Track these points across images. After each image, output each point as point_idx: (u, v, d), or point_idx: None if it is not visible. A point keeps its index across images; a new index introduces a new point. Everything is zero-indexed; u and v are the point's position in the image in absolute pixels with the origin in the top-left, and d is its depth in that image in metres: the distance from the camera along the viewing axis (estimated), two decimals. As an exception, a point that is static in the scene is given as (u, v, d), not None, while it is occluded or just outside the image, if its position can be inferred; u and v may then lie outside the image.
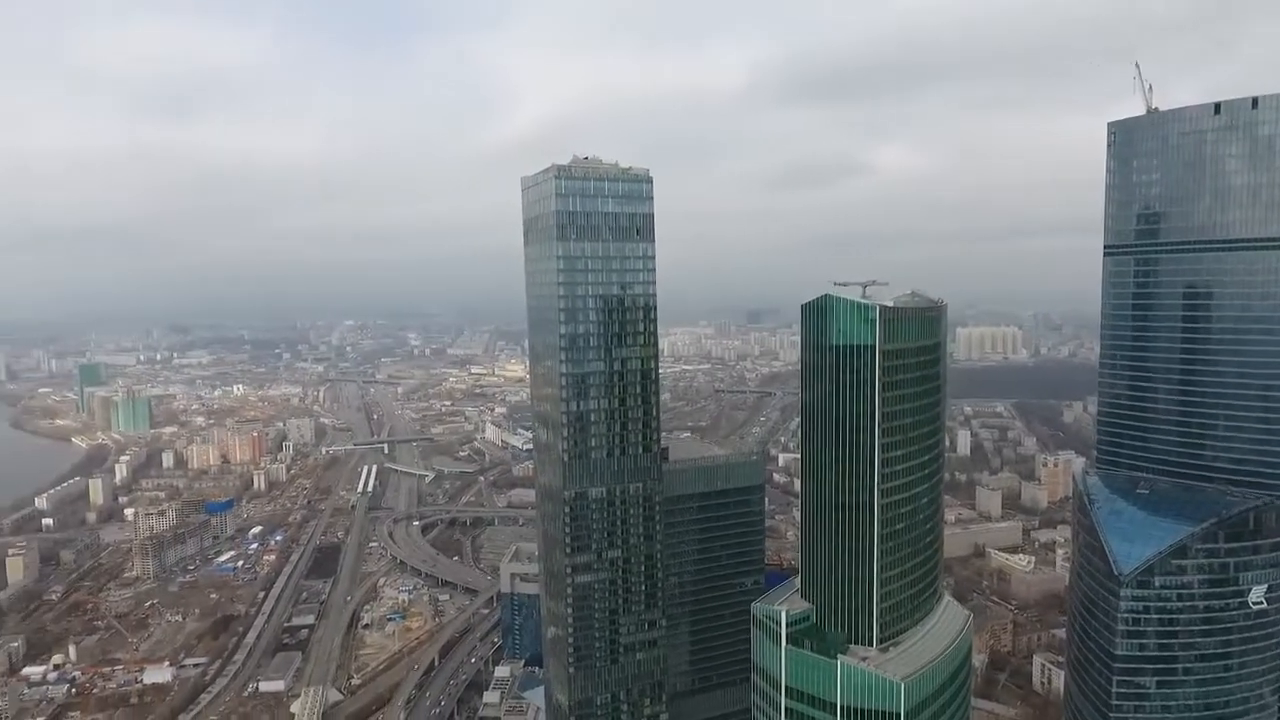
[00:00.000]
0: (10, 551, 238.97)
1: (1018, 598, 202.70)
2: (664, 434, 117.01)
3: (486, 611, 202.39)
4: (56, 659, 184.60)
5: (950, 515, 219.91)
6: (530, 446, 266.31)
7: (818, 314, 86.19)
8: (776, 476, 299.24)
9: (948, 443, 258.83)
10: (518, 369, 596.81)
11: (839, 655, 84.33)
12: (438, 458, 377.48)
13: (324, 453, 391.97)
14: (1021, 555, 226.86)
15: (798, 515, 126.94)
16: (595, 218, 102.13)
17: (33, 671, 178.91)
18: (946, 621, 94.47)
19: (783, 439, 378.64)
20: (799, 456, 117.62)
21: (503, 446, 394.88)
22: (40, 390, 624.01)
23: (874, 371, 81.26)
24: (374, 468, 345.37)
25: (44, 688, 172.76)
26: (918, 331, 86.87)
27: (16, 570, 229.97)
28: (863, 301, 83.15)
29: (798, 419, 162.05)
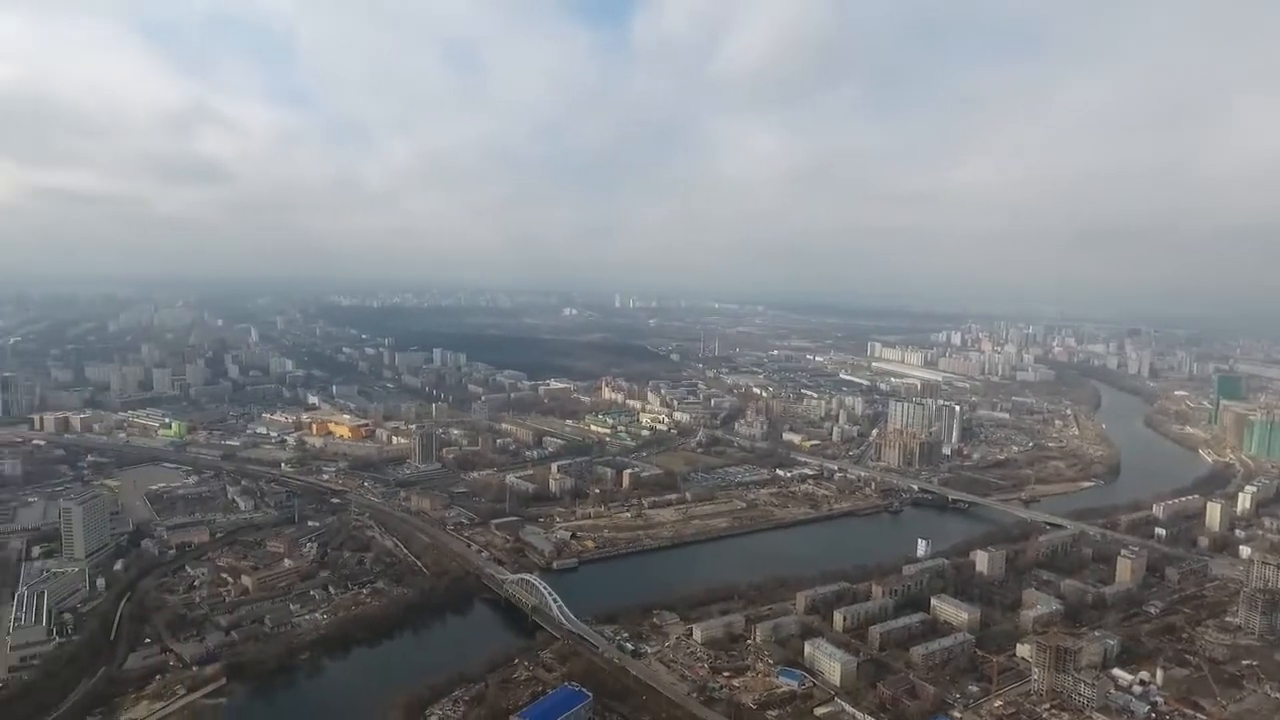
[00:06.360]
0: (1123, 552, 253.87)
1: None
2: None
3: None
4: (1144, 674, 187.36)
5: None
6: None
7: None
8: None
9: None
10: None
11: None
12: None
13: None
14: None
15: None
16: None
17: (1121, 675, 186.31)
18: None
19: None
20: None
21: None
22: (1176, 393, 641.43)
23: None
24: None
25: (1127, 696, 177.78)
26: None
27: (1124, 572, 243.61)
28: None
29: None
